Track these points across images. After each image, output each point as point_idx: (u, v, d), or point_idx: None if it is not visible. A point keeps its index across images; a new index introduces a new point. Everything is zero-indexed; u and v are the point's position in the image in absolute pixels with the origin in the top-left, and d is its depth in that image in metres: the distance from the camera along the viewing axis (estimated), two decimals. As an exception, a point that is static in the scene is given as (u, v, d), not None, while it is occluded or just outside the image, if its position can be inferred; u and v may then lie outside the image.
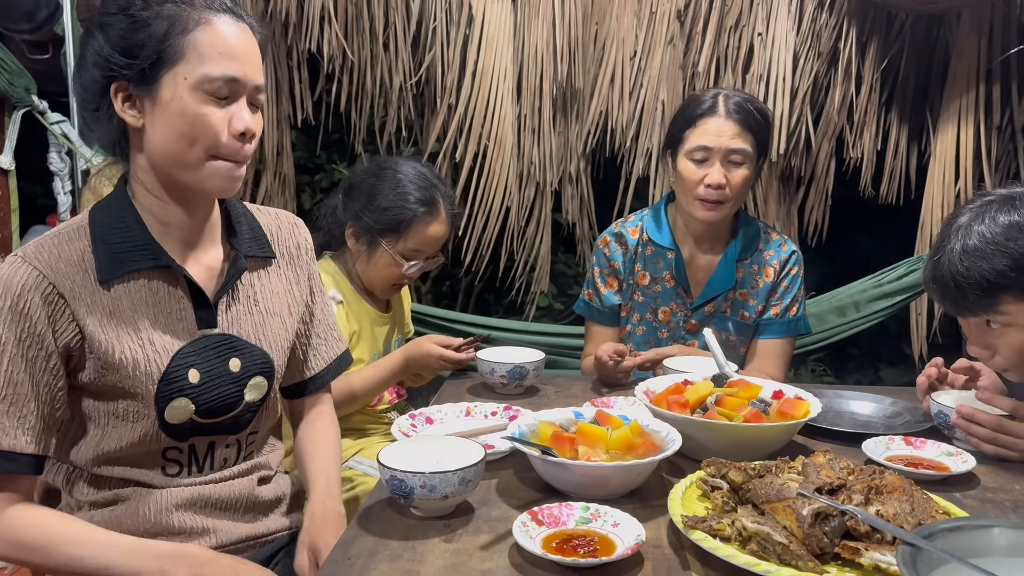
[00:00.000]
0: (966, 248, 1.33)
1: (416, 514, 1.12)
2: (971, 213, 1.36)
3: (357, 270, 1.88)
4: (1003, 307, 1.32)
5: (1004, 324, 1.34)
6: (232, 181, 1.16)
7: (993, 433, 1.34)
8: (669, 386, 1.46)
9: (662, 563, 1.00)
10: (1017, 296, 1.31)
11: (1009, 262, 1.29)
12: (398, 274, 1.84)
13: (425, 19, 3.20)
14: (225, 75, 1.10)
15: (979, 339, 1.39)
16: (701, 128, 1.90)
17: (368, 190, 1.83)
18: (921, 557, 0.82)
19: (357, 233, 1.83)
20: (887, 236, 3.35)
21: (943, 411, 1.41)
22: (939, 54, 3.18)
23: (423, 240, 1.82)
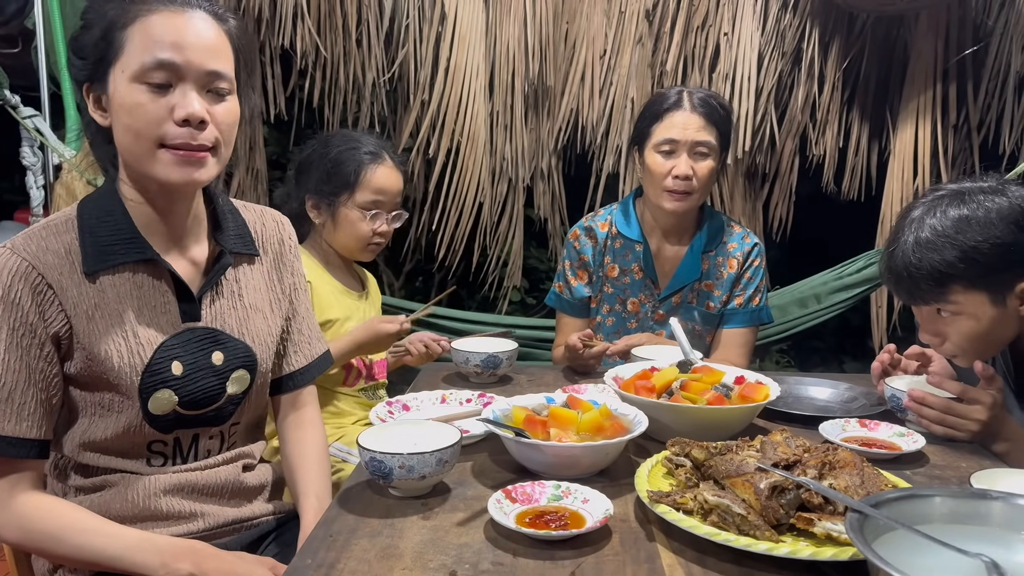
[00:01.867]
0: (918, 240, 1.40)
1: (395, 494, 1.16)
2: (923, 207, 1.43)
3: (328, 242, 1.93)
4: (952, 296, 1.40)
5: (953, 313, 1.41)
6: (191, 170, 1.14)
7: (942, 415, 1.41)
8: (637, 372, 1.52)
9: (629, 535, 1.06)
10: (966, 286, 1.38)
11: (958, 254, 1.36)
12: (367, 230, 1.88)
13: (398, 16, 3.23)
14: (156, 60, 1.10)
15: (930, 327, 1.47)
16: (667, 122, 1.97)
17: (316, 161, 1.89)
18: (868, 524, 0.88)
19: (317, 204, 1.89)
20: (849, 230, 3.45)
21: (896, 395, 1.49)
22: (898, 54, 3.28)
23: (377, 187, 1.88)
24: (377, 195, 1.88)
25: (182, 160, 1.14)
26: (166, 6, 1.14)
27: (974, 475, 1.17)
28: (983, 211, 1.37)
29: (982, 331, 1.42)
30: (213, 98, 1.16)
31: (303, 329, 1.44)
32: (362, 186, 1.86)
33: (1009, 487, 1.09)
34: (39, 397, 1.14)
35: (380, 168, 1.88)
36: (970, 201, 1.39)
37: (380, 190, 1.89)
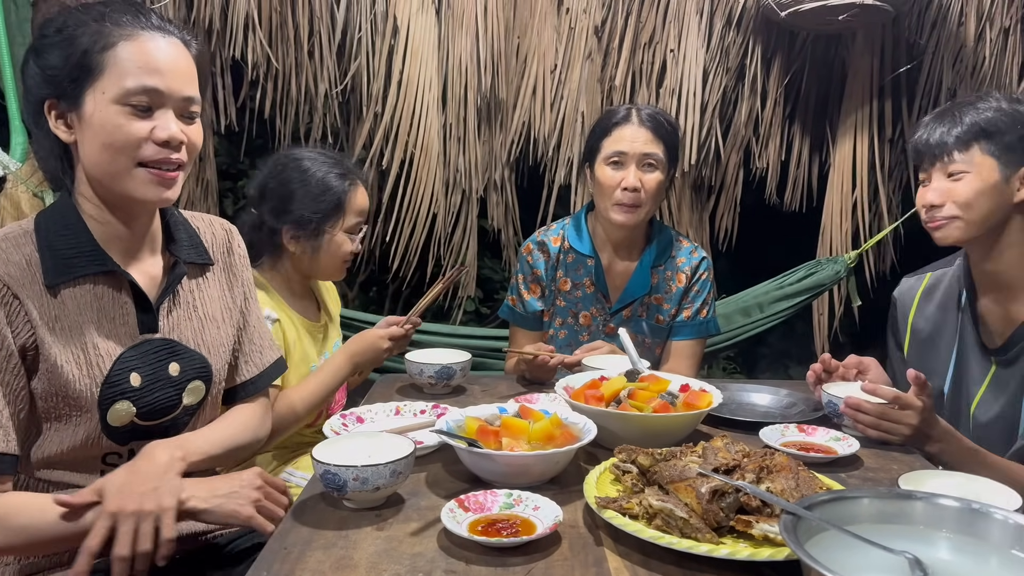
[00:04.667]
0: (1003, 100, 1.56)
1: (349, 506, 1.18)
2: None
3: (303, 269, 1.86)
4: (972, 154, 1.53)
5: (964, 172, 1.53)
6: (163, 189, 1.19)
7: (877, 420, 1.48)
8: (587, 382, 1.56)
9: (577, 540, 1.09)
10: (985, 150, 1.52)
11: (995, 117, 1.53)
12: (348, 251, 1.86)
13: (350, 28, 3.25)
14: (142, 86, 1.14)
15: (939, 187, 1.57)
16: (616, 135, 2.03)
17: (285, 189, 1.81)
18: (801, 525, 0.93)
19: (297, 234, 1.81)
20: (792, 241, 3.56)
21: (832, 400, 1.55)
22: (837, 71, 3.41)
23: (359, 210, 1.86)
24: (359, 217, 1.86)
25: (157, 180, 1.18)
26: (146, 31, 1.17)
27: (902, 477, 1.23)
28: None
29: (983, 195, 1.53)
30: (186, 121, 1.21)
31: (254, 339, 1.45)
32: (349, 210, 1.83)
33: (933, 488, 1.16)
34: (8, 411, 1.13)
35: (359, 191, 1.86)
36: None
37: (362, 212, 1.87)
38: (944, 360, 1.71)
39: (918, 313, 1.78)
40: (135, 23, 1.16)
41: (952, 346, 1.70)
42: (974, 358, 1.66)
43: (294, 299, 1.88)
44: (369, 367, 1.88)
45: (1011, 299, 1.59)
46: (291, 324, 1.83)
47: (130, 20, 1.16)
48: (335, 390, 1.80)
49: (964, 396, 1.66)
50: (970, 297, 1.67)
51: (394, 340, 1.83)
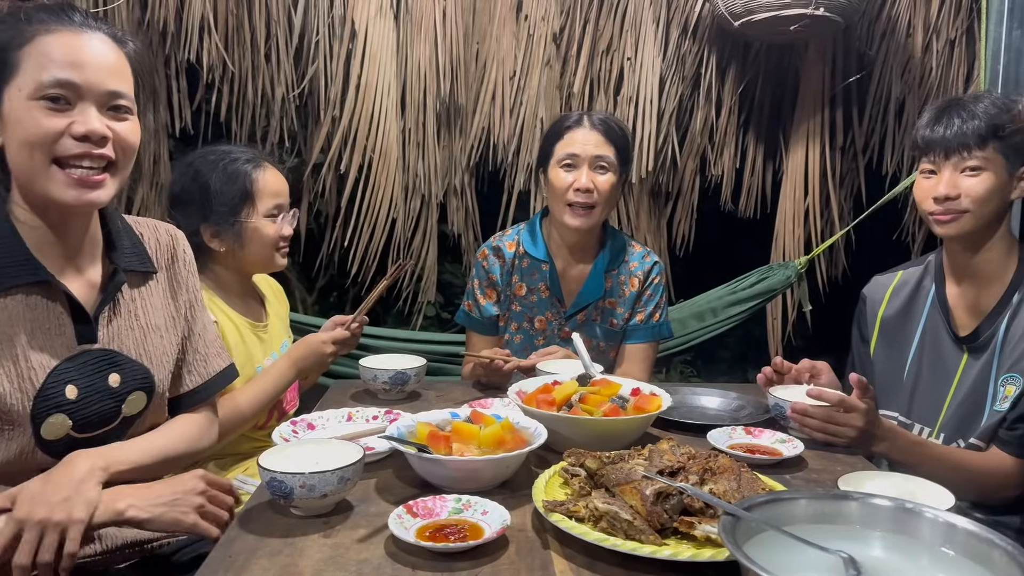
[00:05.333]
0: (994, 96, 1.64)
1: (296, 513, 1.18)
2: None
3: (235, 265, 1.84)
4: (985, 152, 1.57)
5: (979, 168, 1.58)
6: (85, 191, 1.15)
7: (823, 424, 1.52)
8: (539, 387, 1.57)
9: (525, 544, 1.10)
10: (999, 149, 1.58)
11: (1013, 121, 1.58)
12: (275, 236, 1.83)
13: (308, 32, 3.23)
14: (56, 79, 1.12)
15: (951, 182, 1.61)
16: (568, 138, 2.06)
17: (197, 188, 1.79)
18: (740, 526, 0.95)
19: (216, 230, 1.79)
20: (748, 247, 3.62)
21: (779, 404, 1.59)
22: (790, 81, 3.48)
23: (273, 191, 1.84)
24: (276, 198, 1.84)
25: (77, 181, 1.14)
26: (65, 26, 1.15)
27: (841, 478, 1.26)
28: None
29: (995, 192, 1.59)
30: (114, 117, 1.17)
31: (198, 348, 1.42)
32: (260, 194, 1.80)
33: (871, 489, 1.19)
34: None
35: (267, 172, 1.83)
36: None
37: (277, 192, 1.84)
38: (907, 350, 1.78)
39: (888, 309, 1.84)
40: (57, 20, 1.15)
41: (914, 337, 1.77)
42: (946, 348, 1.72)
43: (233, 299, 1.86)
44: (315, 372, 1.88)
45: (982, 290, 1.67)
46: (232, 326, 1.81)
47: (52, 17, 1.15)
48: (279, 395, 1.79)
49: (937, 387, 1.72)
50: (941, 287, 1.74)
51: (338, 343, 1.82)
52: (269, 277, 2.06)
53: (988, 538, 0.92)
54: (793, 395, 1.59)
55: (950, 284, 1.73)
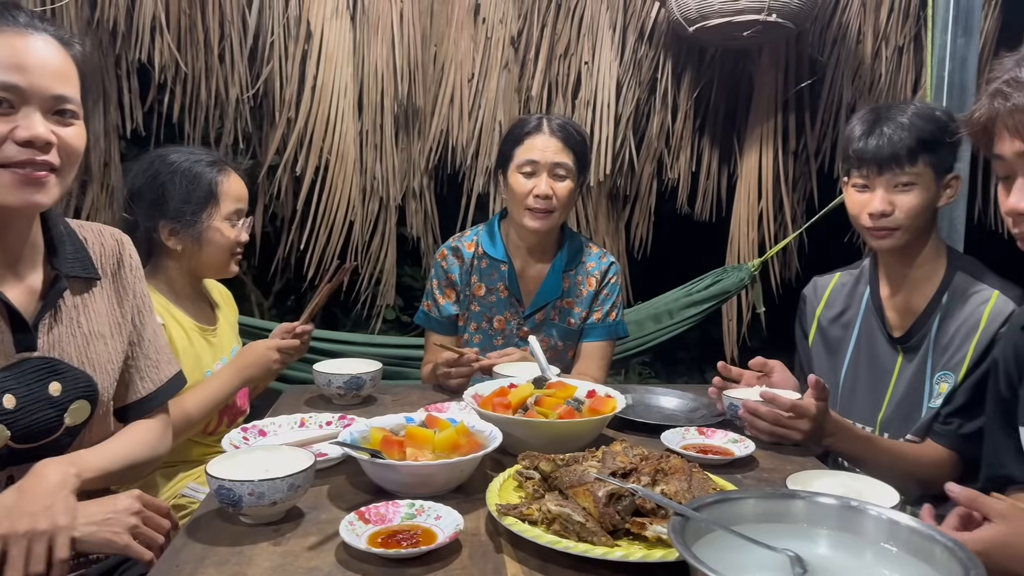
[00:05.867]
0: (920, 110, 1.66)
1: (246, 521, 1.16)
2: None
3: (189, 266, 1.82)
4: (917, 167, 1.61)
5: (912, 183, 1.62)
6: (30, 191, 1.12)
7: (771, 426, 1.54)
8: (495, 390, 1.57)
9: (478, 548, 1.10)
10: (928, 162, 1.61)
11: (938, 132, 1.62)
12: (232, 241, 1.83)
13: (262, 33, 3.19)
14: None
15: (885, 198, 1.64)
16: (528, 144, 2.06)
17: (156, 187, 1.77)
18: (689, 526, 0.96)
19: (175, 228, 1.77)
20: (705, 249, 3.66)
21: (734, 404, 1.61)
22: (744, 86, 3.54)
23: (236, 196, 1.84)
24: (238, 203, 1.84)
25: (21, 181, 1.11)
26: (9, 26, 1.11)
27: (789, 477, 1.28)
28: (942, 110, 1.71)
29: (926, 206, 1.64)
30: (59, 121, 1.15)
31: (150, 353, 1.39)
32: (224, 197, 1.80)
33: (818, 487, 1.21)
34: None
35: (231, 177, 1.84)
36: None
37: (239, 197, 1.85)
38: (844, 350, 1.82)
39: (825, 309, 1.89)
40: (1, 20, 1.11)
41: (851, 338, 1.81)
42: (882, 350, 1.77)
43: (182, 301, 1.84)
44: (261, 381, 1.86)
45: (913, 292, 1.71)
46: (180, 328, 1.78)
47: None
48: (226, 402, 1.78)
49: (876, 386, 1.76)
50: (875, 291, 1.79)
51: (284, 352, 1.82)
52: (219, 283, 2.04)
53: (930, 534, 0.94)
54: (749, 396, 1.61)
55: (883, 288, 1.77)
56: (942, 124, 1.64)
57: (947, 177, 1.66)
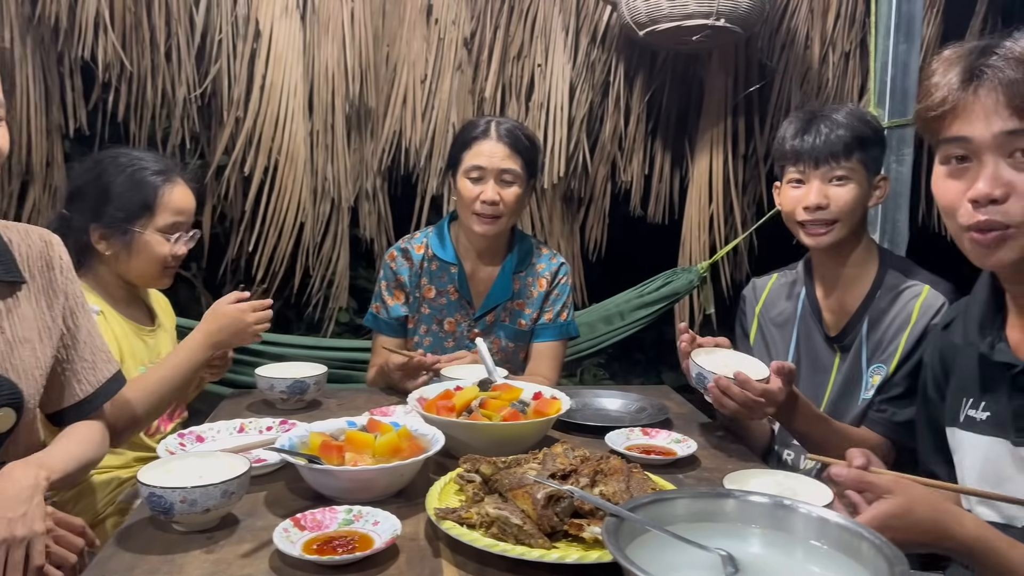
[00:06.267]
0: (853, 111, 1.71)
1: (179, 529, 1.13)
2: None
3: (121, 273, 1.78)
4: (852, 163, 1.65)
5: (846, 177, 1.66)
6: None
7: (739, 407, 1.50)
8: (440, 392, 1.56)
9: (415, 553, 1.09)
10: (861, 159, 1.66)
11: (871, 132, 1.68)
12: (165, 254, 1.77)
13: (210, 31, 3.13)
14: None
15: (821, 191, 1.67)
16: (475, 150, 2.06)
17: (98, 187, 1.73)
18: (624, 527, 0.96)
19: (105, 233, 1.73)
20: (659, 252, 3.69)
21: (703, 374, 1.54)
22: (695, 89, 3.58)
23: (176, 209, 1.78)
24: (177, 216, 1.78)
25: None
26: None
27: (726, 477, 1.30)
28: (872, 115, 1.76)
29: (859, 202, 1.68)
30: None
31: (85, 354, 1.36)
32: (161, 209, 1.75)
33: (754, 486, 1.22)
34: None
35: (176, 188, 1.79)
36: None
37: (180, 211, 1.79)
38: (784, 350, 1.85)
39: (764, 308, 1.92)
40: None
41: (791, 338, 1.85)
42: (820, 349, 1.80)
43: (117, 304, 1.79)
44: (230, 345, 1.78)
45: (846, 292, 1.75)
46: (117, 320, 1.75)
47: None
48: (188, 378, 1.70)
49: (815, 383, 1.79)
50: (811, 293, 1.82)
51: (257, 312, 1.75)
52: (158, 292, 1.99)
53: (857, 531, 0.96)
54: (717, 363, 1.57)
55: (819, 289, 1.81)
56: (873, 127, 1.70)
57: (877, 178, 1.71)
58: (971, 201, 1.06)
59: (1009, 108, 1.01)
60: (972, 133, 1.05)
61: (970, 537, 1.03)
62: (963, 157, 1.07)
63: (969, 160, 1.06)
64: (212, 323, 1.73)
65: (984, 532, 1.03)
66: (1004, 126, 1.02)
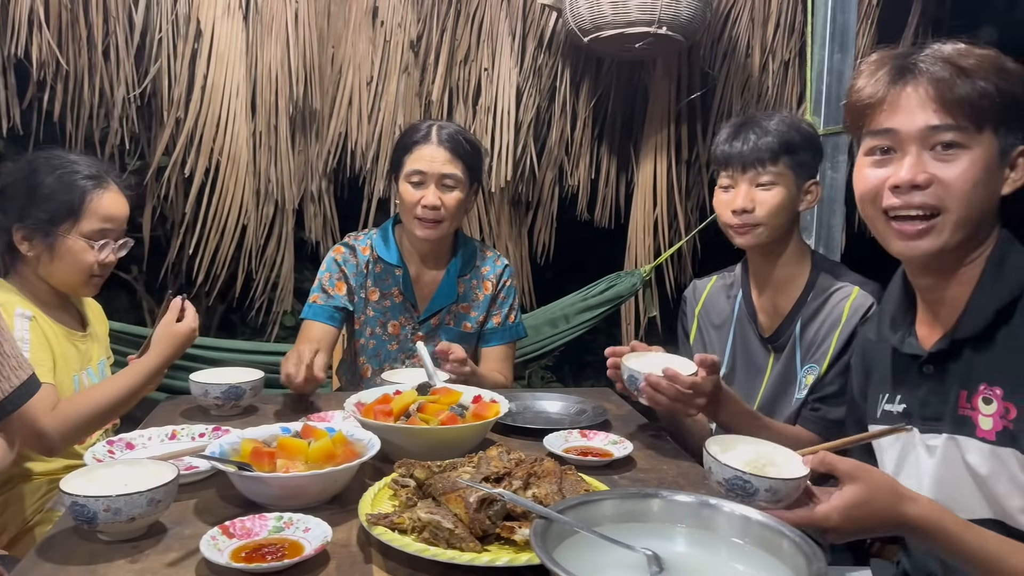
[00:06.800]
0: (783, 117, 1.76)
1: (104, 539, 1.11)
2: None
3: (43, 276, 1.72)
4: (779, 167, 1.69)
5: (771, 183, 1.70)
6: None
7: (671, 402, 1.52)
8: (378, 397, 1.55)
9: (347, 560, 1.08)
10: (788, 164, 1.70)
11: (798, 137, 1.72)
12: (91, 262, 1.71)
13: (150, 30, 3.07)
14: None
15: (748, 195, 1.71)
16: (416, 154, 2.05)
17: (26, 187, 1.68)
18: (553, 529, 0.97)
19: (28, 234, 1.68)
20: (607, 255, 3.74)
21: (634, 375, 1.55)
22: (640, 96, 3.63)
23: (105, 215, 1.73)
24: (105, 223, 1.72)
25: None
26: None
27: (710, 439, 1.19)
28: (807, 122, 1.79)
29: (785, 206, 1.71)
30: None
31: None
32: (88, 214, 1.69)
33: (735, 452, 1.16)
34: None
35: (107, 194, 1.73)
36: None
37: (108, 217, 1.73)
38: (721, 350, 1.89)
39: (704, 309, 1.96)
40: None
41: (728, 339, 1.89)
42: (755, 349, 1.84)
43: (48, 309, 1.74)
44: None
45: (780, 294, 1.79)
46: (48, 324, 1.70)
47: None
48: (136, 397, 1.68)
49: (750, 383, 1.83)
50: (747, 295, 1.86)
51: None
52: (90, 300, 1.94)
53: (778, 529, 0.98)
54: (647, 364, 1.58)
55: (754, 290, 1.86)
56: (804, 133, 1.74)
57: (807, 183, 1.76)
58: (893, 187, 1.12)
59: (935, 103, 1.07)
60: (899, 125, 1.11)
61: (923, 518, 1.06)
62: (888, 148, 1.13)
63: (894, 151, 1.12)
64: (169, 346, 1.69)
65: (938, 514, 1.06)
66: (929, 120, 1.08)
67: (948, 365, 1.17)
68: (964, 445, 1.15)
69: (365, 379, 2.19)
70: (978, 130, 1.08)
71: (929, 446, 1.20)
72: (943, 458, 1.17)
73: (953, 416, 1.16)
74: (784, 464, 1.15)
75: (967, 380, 1.14)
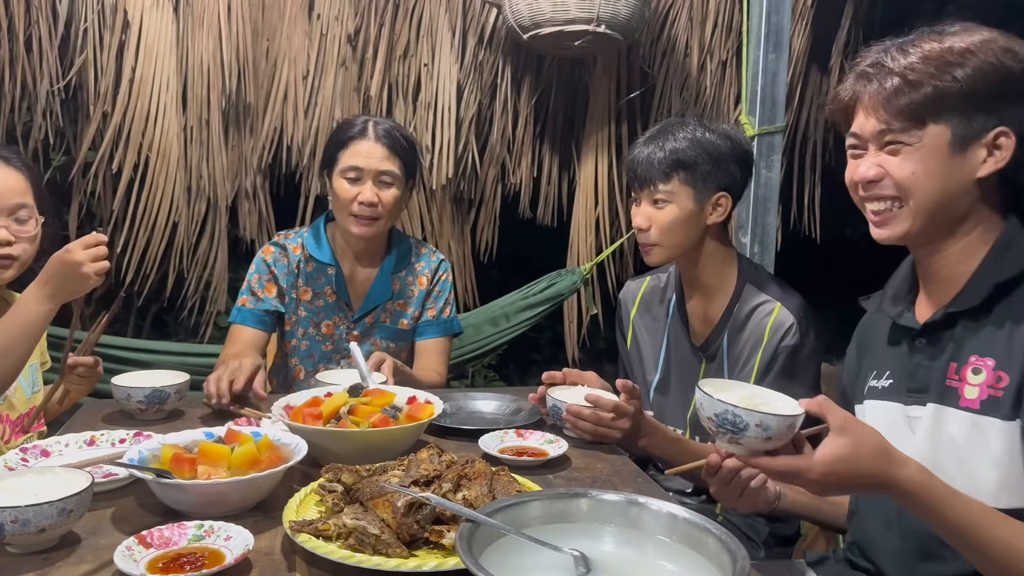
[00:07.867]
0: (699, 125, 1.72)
1: (12, 551, 1.06)
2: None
3: None
4: (672, 184, 1.68)
5: (665, 200, 1.69)
6: None
7: (594, 427, 1.56)
8: (307, 399, 1.52)
9: (269, 568, 1.05)
10: (684, 180, 1.68)
11: (690, 148, 1.67)
12: None
13: (75, 20, 2.96)
14: None
15: (645, 213, 1.72)
16: (352, 150, 2.01)
17: None
18: (480, 532, 0.96)
19: None
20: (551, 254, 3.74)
21: (556, 405, 1.61)
22: (580, 94, 3.63)
23: None
24: None
25: None
26: None
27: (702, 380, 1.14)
28: (721, 130, 1.74)
29: (680, 224, 1.70)
30: None
31: None
32: None
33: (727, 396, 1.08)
34: None
35: None
36: (714, 123, 1.77)
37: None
38: (655, 355, 1.90)
39: (638, 313, 1.95)
40: None
41: (662, 343, 1.89)
42: (687, 357, 1.84)
43: None
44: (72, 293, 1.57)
45: (709, 301, 1.79)
46: None
47: None
48: (26, 335, 1.51)
49: (685, 392, 1.83)
50: (680, 299, 1.86)
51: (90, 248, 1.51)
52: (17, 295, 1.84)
53: (704, 526, 0.99)
54: (571, 396, 1.62)
55: (687, 296, 1.85)
56: (708, 146, 1.69)
57: (714, 196, 1.71)
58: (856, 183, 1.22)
59: (882, 111, 1.17)
60: (859, 129, 1.21)
61: (912, 482, 1.04)
62: (856, 146, 1.23)
63: (862, 149, 1.22)
64: (44, 272, 1.52)
65: (927, 480, 1.04)
66: (876, 127, 1.18)
67: (941, 339, 1.20)
68: (946, 416, 1.16)
69: (298, 381, 2.14)
70: (920, 127, 1.14)
71: (911, 417, 1.22)
72: (925, 431, 1.19)
73: (939, 387, 1.18)
74: (778, 405, 1.11)
75: (958, 353, 1.17)
